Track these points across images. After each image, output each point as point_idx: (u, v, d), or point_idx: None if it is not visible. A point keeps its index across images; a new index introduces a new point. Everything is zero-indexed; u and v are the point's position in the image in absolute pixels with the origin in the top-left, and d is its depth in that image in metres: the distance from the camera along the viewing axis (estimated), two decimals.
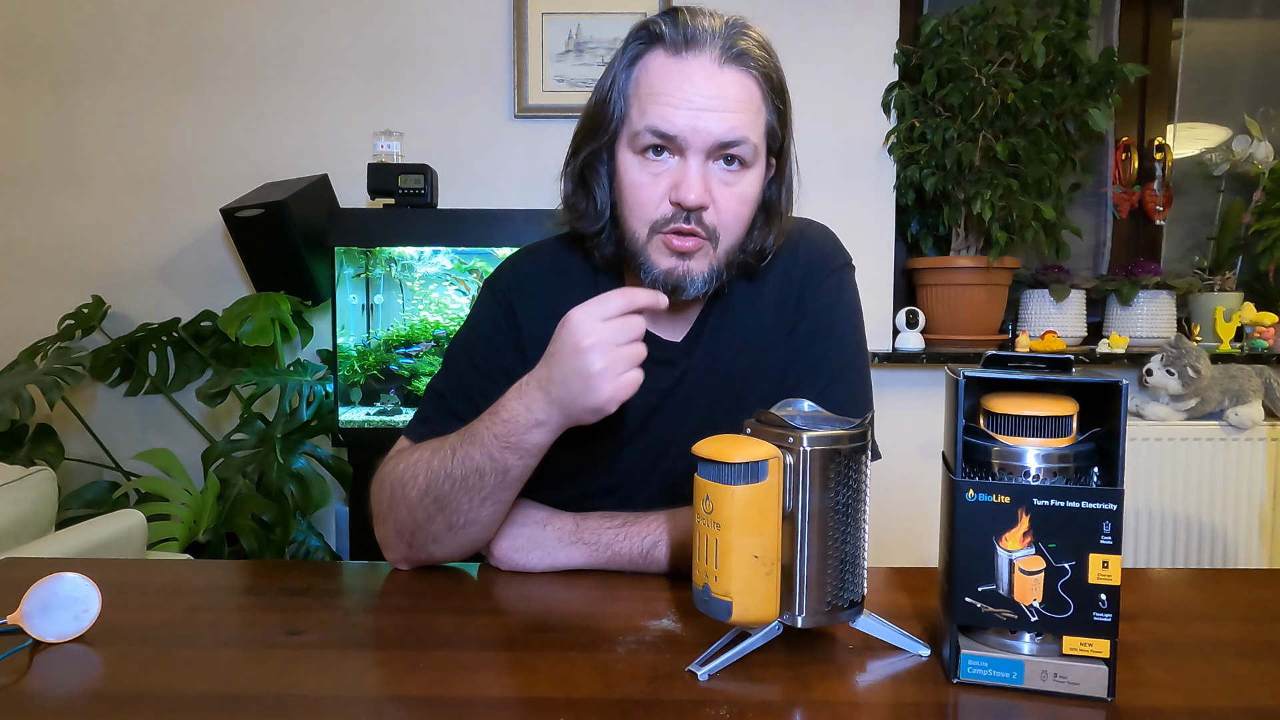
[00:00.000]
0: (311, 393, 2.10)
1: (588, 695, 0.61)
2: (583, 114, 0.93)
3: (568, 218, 0.96)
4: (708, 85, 0.84)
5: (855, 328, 0.98)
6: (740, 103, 0.85)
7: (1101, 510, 0.59)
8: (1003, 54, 2.17)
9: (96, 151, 2.34)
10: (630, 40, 0.89)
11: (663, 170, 0.86)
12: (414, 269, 2.13)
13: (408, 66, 2.31)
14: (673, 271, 0.87)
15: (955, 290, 2.29)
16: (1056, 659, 0.61)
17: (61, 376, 1.97)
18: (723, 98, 0.84)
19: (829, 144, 2.30)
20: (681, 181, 0.85)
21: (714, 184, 0.86)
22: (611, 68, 0.90)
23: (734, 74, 0.85)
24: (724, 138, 0.84)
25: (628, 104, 0.88)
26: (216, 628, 0.76)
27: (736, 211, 0.88)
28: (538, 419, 0.80)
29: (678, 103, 0.84)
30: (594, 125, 0.91)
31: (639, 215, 0.88)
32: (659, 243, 0.87)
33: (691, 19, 0.85)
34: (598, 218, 0.92)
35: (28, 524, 1.42)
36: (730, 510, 0.63)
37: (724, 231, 0.88)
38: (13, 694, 0.62)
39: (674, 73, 0.85)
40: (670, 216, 0.86)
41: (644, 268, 0.89)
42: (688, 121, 0.83)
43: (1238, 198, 2.48)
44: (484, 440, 0.83)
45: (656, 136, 0.85)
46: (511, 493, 0.86)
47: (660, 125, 0.84)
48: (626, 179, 0.88)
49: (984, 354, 0.66)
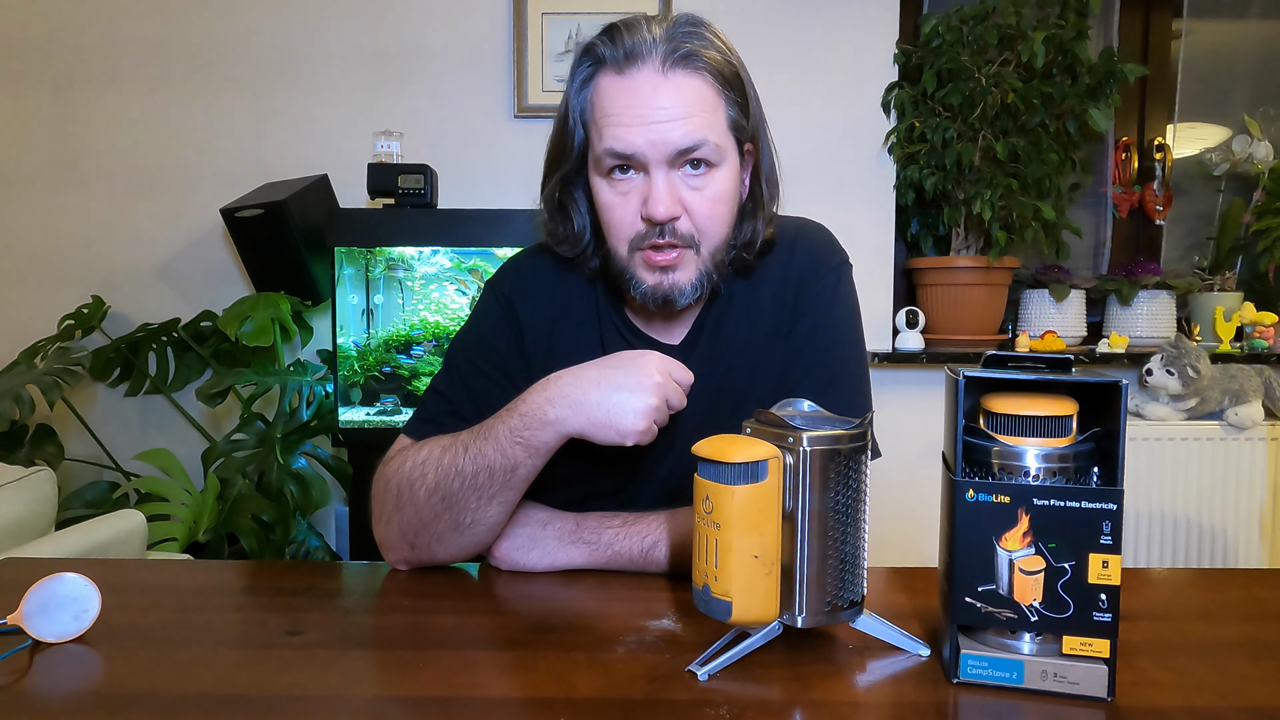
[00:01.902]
0: (311, 393, 2.10)
1: (588, 695, 0.61)
2: (548, 143, 0.94)
3: (551, 241, 0.97)
4: (654, 96, 0.83)
5: (853, 327, 0.98)
6: (692, 105, 0.84)
7: (1101, 510, 0.59)
8: (1003, 54, 2.17)
9: (96, 151, 2.34)
10: (576, 65, 0.89)
11: (631, 188, 0.87)
12: (414, 269, 2.13)
13: (408, 66, 2.31)
14: (659, 286, 0.89)
15: (955, 290, 2.29)
16: (1056, 659, 0.61)
17: (61, 376, 1.97)
18: (672, 105, 0.84)
19: (829, 144, 2.30)
20: (649, 197, 0.85)
21: (683, 191, 0.86)
22: (569, 92, 0.90)
23: (680, 78, 0.84)
24: (682, 144, 0.84)
25: (586, 129, 0.88)
26: (216, 628, 0.76)
27: (712, 213, 0.88)
28: (557, 415, 0.81)
29: (629, 120, 0.84)
30: (558, 154, 0.92)
31: (617, 235, 0.89)
32: (640, 259, 0.88)
33: (630, 34, 0.85)
34: (577, 241, 0.94)
35: (28, 524, 1.42)
36: (730, 510, 0.63)
37: (704, 236, 0.88)
38: (13, 694, 0.62)
39: (621, 91, 0.85)
40: (645, 233, 0.87)
41: (631, 284, 0.90)
42: (642, 136, 0.83)
43: (1238, 198, 2.48)
44: (499, 435, 0.83)
45: (616, 158, 0.85)
46: (517, 494, 0.86)
47: (616, 146, 0.84)
48: (600, 201, 0.89)
49: (984, 354, 0.66)
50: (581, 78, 0.88)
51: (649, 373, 0.80)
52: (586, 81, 0.88)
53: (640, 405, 0.79)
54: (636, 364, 0.81)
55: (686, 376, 0.84)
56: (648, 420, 0.79)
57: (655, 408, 0.79)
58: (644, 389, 0.79)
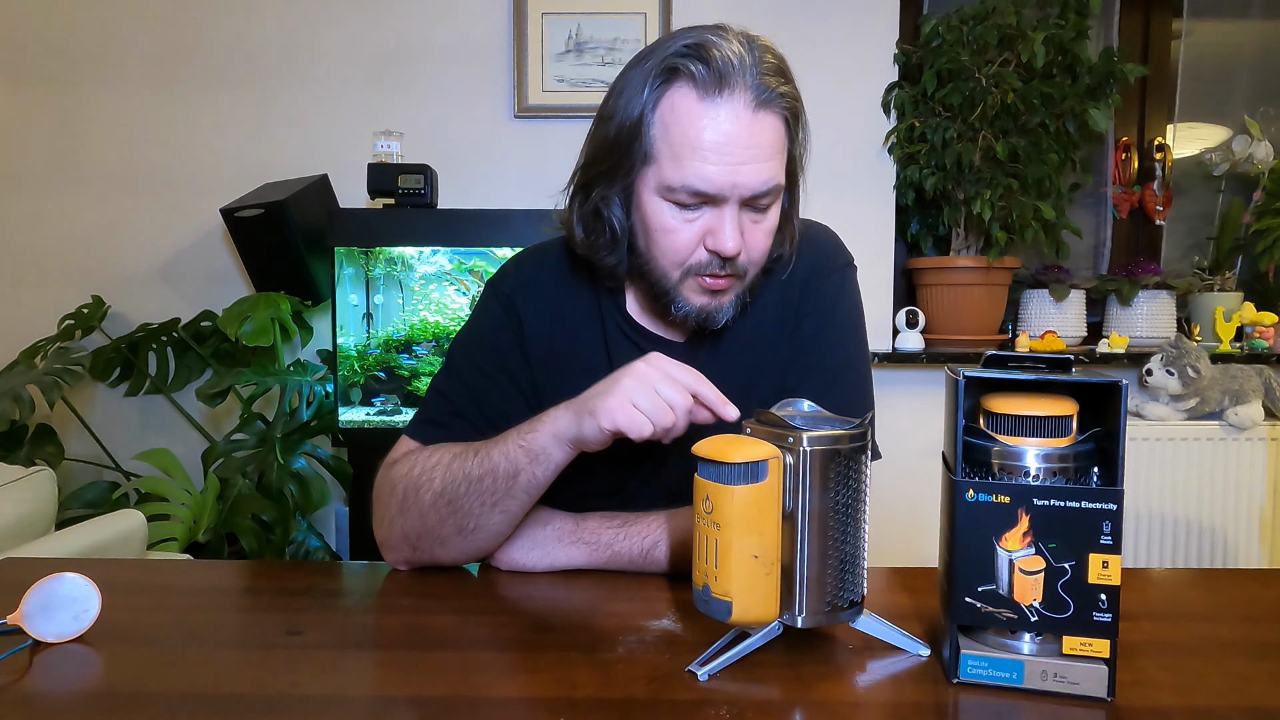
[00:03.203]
0: (311, 393, 2.10)
1: (588, 695, 0.61)
2: (597, 139, 0.89)
3: (579, 245, 0.93)
4: (742, 135, 0.81)
5: (857, 328, 0.98)
6: (772, 149, 0.83)
7: (1101, 510, 0.59)
8: (1003, 54, 2.17)
9: (97, 151, 2.34)
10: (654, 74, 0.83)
11: (696, 216, 0.85)
12: (414, 269, 2.13)
13: (408, 66, 2.31)
14: (705, 307, 0.89)
15: (955, 290, 2.29)
16: (1056, 659, 0.61)
17: (61, 376, 1.97)
18: (757, 147, 0.82)
19: (829, 144, 2.29)
20: (718, 231, 0.84)
21: (745, 226, 0.86)
22: (630, 98, 0.84)
23: (766, 118, 0.82)
24: (759, 190, 0.83)
25: (654, 146, 0.84)
26: (216, 628, 0.76)
27: (763, 246, 0.89)
28: (558, 428, 0.81)
29: (716, 159, 0.81)
30: (614, 161, 0.87)
31: (671, 259, 0.87)
32: (693, 283, 0.88)
33: (719, 51, 0.81)
34: (614, 247, 0.91)
35: (28, 524, 1.42)
36: (730, 510, 0.63)
37: (752, 266, 0.89)
38: (13, 694, 0.62)
39: (709, 122, 0.81)
40: (706, 262, 0.86)
41: (676, 304, 0.89)
42: (726, 179, 0.82)
43: (1237, 198, 2.48)
44: (507, 439, 0.84)
45: (694, 196, 0.83)
46: (520, 504, 0.85)
47: (699, 185, 0.82)
48: (656, 222, 0.86)
49: (984, 354, 0.66)
50: (656, 86, 0.83)
51: (634, 367, 0.77)
52: (662, 92, 0.83)
53: (617, 390, 0.76)
54: (630, 366, 0.79)
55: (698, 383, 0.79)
56: (624, 401, 0.75)
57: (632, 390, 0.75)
58: (624, 375, 0.77)
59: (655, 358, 0.79)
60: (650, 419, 0.75)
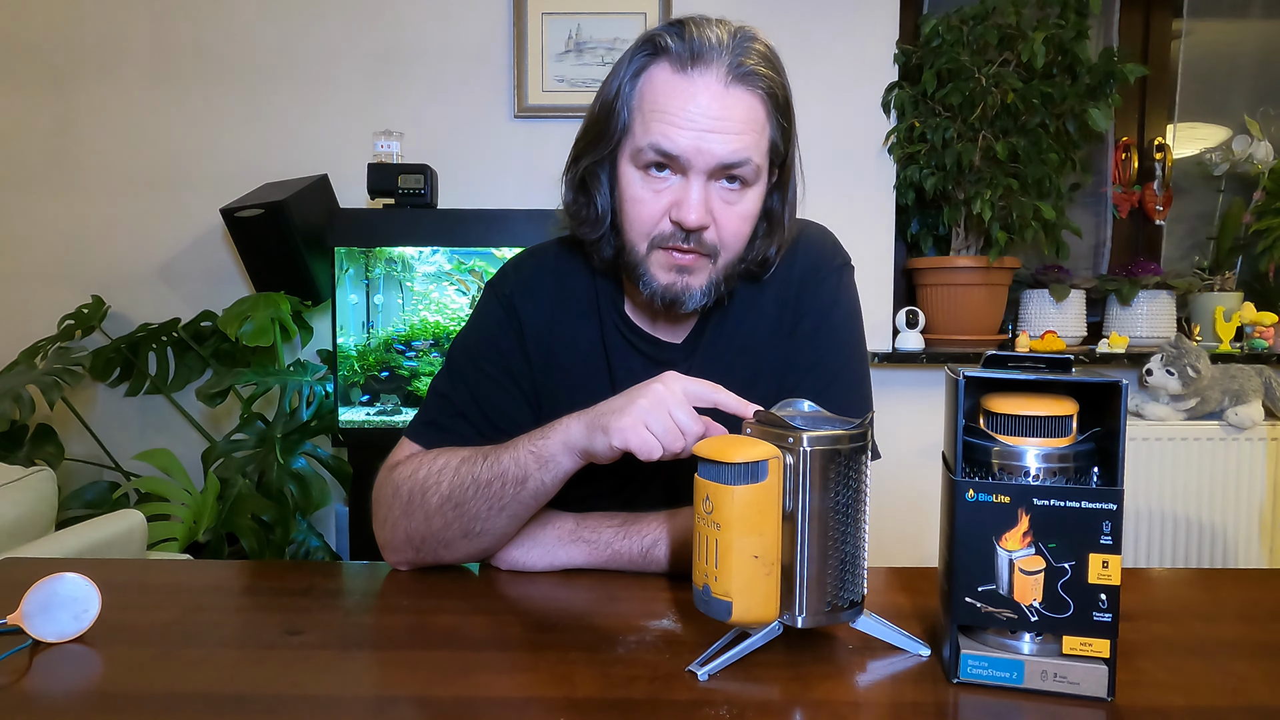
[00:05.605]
0: (311, 393, 2.10)
1: (588, 695, 0.61)
2: (585, 120, 0.92)
3: (568, 223, 0.95)
4: (713, 105, 0.82)
5: (854, 328, 0.98)
6: (745, 124, 0.84)
7: (1101, 510, 0.59)
8: (1003, 54, 2.17)
9: (96, 151, 2.34)
10: (635, 50, 0.87)
11: (664, 187, 0.86)
12: (414, 269, 2.13)
13: (408, 66, 2.31)
14: (671, 286, 0.88)
15: (955, 290, 2.29)
16: (1056, 659, 0.61)
17: (61, 376, 1.97)
18: (728, 119, 0.83)
19: (829, 144, 2.30)
20: (683, 201, 0.84)
21: (715, 203, 0.86)
22: (616, 76, 0.88)
23: (740, 94, 0.83)
24: (727, 159, 0.83)
25: (631, 116, 0.86)
26: (216, 628, 0.76)
27: (737, 230, 0.88)
28: (569, 438, 0.80)
29: (681, 122, 0.82)
30: (597, 134, 0.90)
31: (638, 230, 0.88)
32: (659, 257, 0.88)
33: (698, 31, 0.83)
34: (598, 224, 0.92)
35: (28, 524, 1.42)
36: (730, 510, 0.63)
37: (724, 249, 0.88)
38: (13, 694, 0.62)
39: (679, 90, 0.83)
40: (670, 234, 0.86)
41: (643, 280, 0.89)
42: (691, 142, 0.82)
43: (1238, 198, 2.48)
44: (518, 444, 0.83)
45: (659, 155, 0.84)
46: (526, 508, 0.85)
47: (663, 144, 0.83)
48: (628, 193, 0.88)
49: (984, 354, 0.66)
50: (638, 64, 0.86)
51: (649, 386, 0.77)
52: (642, 69, 0.86)
53: (632, 408, 0.76)
54: (647, 384, 0.78)
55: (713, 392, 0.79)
56: (636, 422, 0.75)
57: (646, 411, 0.75)
58: (640, 394, 0.77)
59: (671, 378, 0.78)
60: (662, 443, 0.75)
